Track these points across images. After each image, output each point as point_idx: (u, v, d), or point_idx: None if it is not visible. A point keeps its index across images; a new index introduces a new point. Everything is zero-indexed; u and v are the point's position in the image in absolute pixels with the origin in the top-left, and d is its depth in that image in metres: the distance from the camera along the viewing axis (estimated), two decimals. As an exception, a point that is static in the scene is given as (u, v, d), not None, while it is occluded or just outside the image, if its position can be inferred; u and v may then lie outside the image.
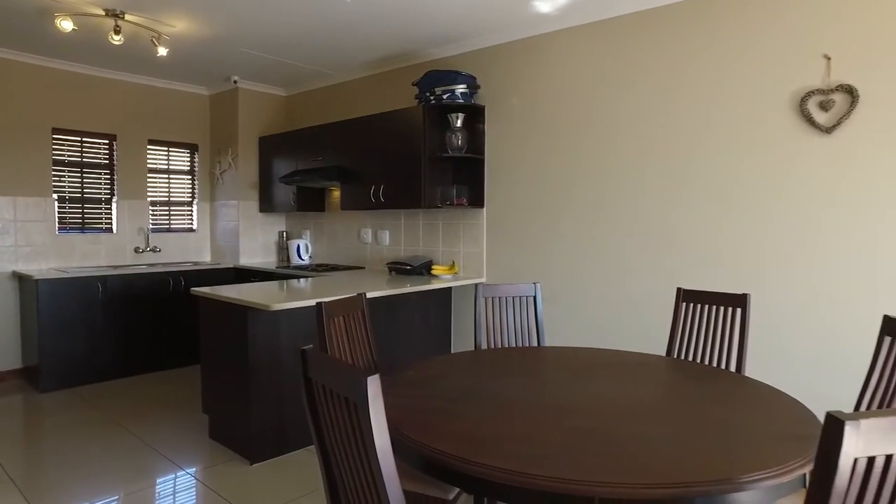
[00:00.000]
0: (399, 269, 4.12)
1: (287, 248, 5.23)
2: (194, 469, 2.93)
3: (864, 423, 0.83)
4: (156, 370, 4.77)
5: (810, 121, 2.77)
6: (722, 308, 2.39)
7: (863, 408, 1.83)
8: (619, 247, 3.40)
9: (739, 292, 2.40)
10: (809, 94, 2.76)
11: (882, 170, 2.60)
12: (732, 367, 2.32)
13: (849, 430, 0.82)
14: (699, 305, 2.47)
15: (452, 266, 4.03)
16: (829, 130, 2.72)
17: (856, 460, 0.84)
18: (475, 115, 3.96)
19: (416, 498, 1.80)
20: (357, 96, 4.86)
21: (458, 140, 3.84)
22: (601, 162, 3.46)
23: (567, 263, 3.61)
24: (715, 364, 2.38)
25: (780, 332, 2.87)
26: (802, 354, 2.81)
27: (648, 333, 3.29)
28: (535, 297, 2.65)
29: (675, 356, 2.50)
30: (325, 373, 1.19)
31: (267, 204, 5.25)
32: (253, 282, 4.25)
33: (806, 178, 2.79)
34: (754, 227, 2.95)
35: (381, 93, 4.65)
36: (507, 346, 2.60)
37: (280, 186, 5.06)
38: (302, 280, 3.87)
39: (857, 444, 0.83)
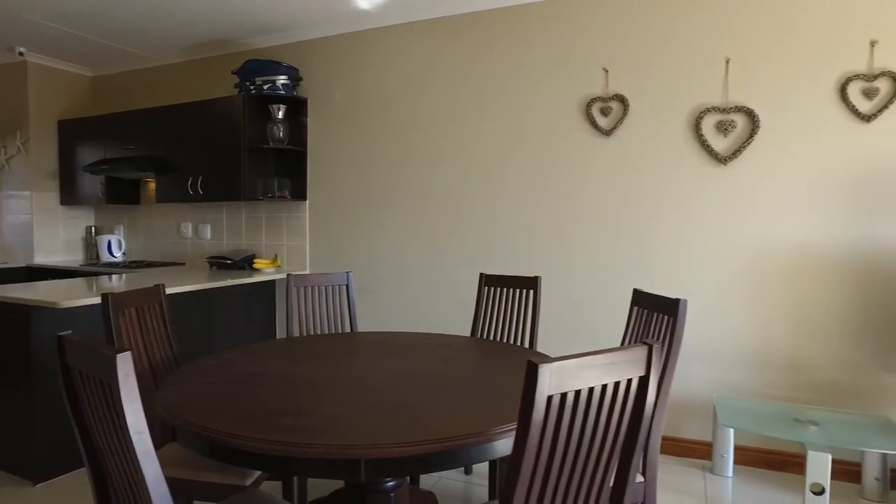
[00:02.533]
0: (220, 263, 3.96)
1: (96, 245, 4.75)
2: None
3: (555, 365, 1.01)
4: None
5: (594, 123, 3.16)
6: (517, 290, 2.66)
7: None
8: (433, 237, 3.59)
9: (534, 275, 2.68)
10: (593, 100, 3.16)
11: (647, 167, 3.06)
12: (527, 343, 2.59)
13: (542, 371, 0.99)
14: (499, 288, 2.71)
15: (275, 259, 3.96)
16: (608, 133, 3.14)
17: (550, 397, 1.02)
18: (297, 108, 3.93)
19: (214, 488, 1.77)
20: (174, 82, 4.56)
21: (280, 132, 3.79)
22: (417, 157, 3.63)
23: (387, 254, 3.73)
24: (512, 341, 2.63)
25: (567, 307, 3.25)
26: (587, 328, 3.21)
27: (461, 317, 3.53)
28: (347, 286, 2.72)
29: (479, 336, 2.72)
30: (80, 358, 1.14)
31: (70, 196, 4.71)
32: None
33: (592, 174, 3.19)
34: (549, 215, 3.29)
35: (201, 80, 4.42)
36: (320, 333, 2.63)
37: (86, 176, 4.58)
38: (113, 277, 3.55)
39: (551, 383, 1.01)
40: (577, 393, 1.06)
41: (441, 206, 3.57)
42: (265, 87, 3.76)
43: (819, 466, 2.21)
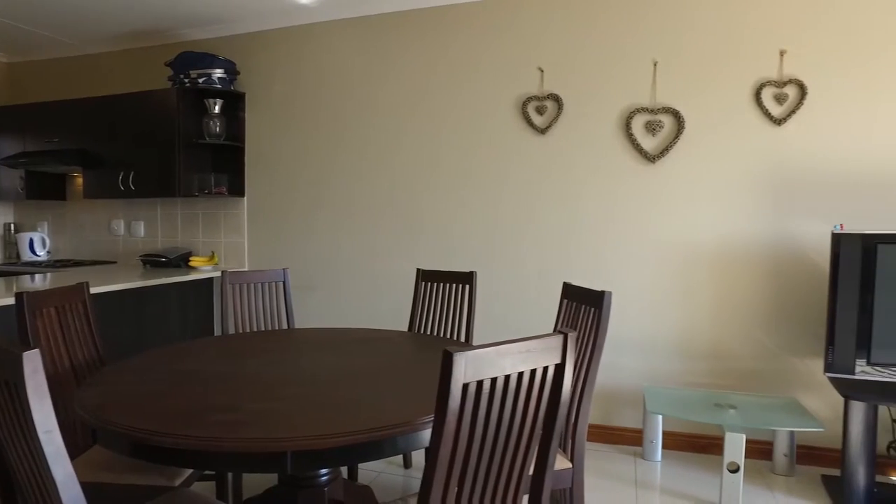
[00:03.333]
0: (154, 261, 3.83)
1: (16, 243, 4.50)
2: None
3: (470, 354, 1.04)
4: None
5: (529, 122, 3.24)
6: (454, 285, 2.70)
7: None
8: (374, 233, 3.60)
9: (468, 270, 2.73)
10: (528, 99, 3.24)
11: (580, 164, 3.16)
12: (463, 337, 2.63)
13: (457, 360, 1.02)
14: (435, 284, 2.75)
15: (212, 257, 3.87)
16: (543, 131, 3.22)
17: (466, 385, 1.05)
18: (235, 102, 3.85)
19: (140, 490, 1.73)
20: (103, 72, 4.37)
21: (217, 127, 3.70)
22: (357, 152, 3.63)
23: (327, 251, 3.71)
24: (448, 335, 2.67)
25: (505, 302, 3.32)
26: (523, 321, 3.29)
27: (401, 313, 3.55)
28: (283, 283, 2.70)
29: (416, 330, 2.75)
30: (-14, 359, 1.10)
31: (-15, 191, 4.45)
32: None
33: (528, 171, 3.27)
34: (485, 211, 3.36)
35: (132, 71, 4.25)
36: (257, 330, 2.60)
37: (2, 170, 4.33)
38: (36, 277, 3.38)
39: (467, 371, 1.04)
40: (494, 381, 1.10)
41: (381, 203, 3.58)
42: (200, 80, 3.66)
43: (735, 446, 2.35)
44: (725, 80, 2.90)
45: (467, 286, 2.65)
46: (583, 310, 2.15)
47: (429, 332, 2.72)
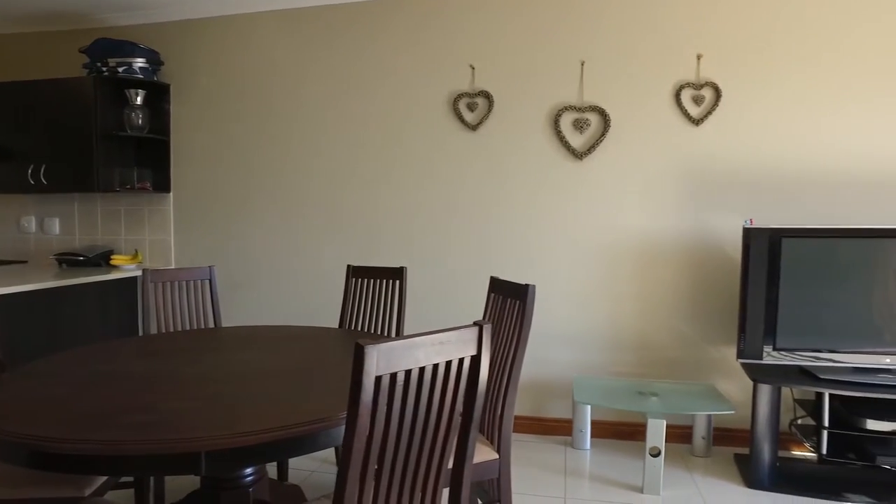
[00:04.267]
0: (70, 260, 3.63)
1: (-85, 242, 4.15)
2: None
3: (383, 346, 1.04)
4: None
5: (461, 119, 3.27)
6: (384, 280, 2.69)
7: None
8: (305, 229, 3.54)
9: (404, 265, 2.73)
10: (460, 95, 3.26)
11: (511, 161, 3.22)
12: (393, 332, 2.63)
13: (369, 353, 1.02)
14: (366, 280, 2.73)
15: (136, 255, 3.70)
16: (474, 128, 3.26)
17: (379, 377, 1.05)
18: (159, 94, 3.68)
19: None
20: (9, 56, 4.08)
21: (139, 119, 3.53)
22: (289, 148, 3.55)
23: (259, 248, 3.62)
24: (379, 331, 2.66)
25: (436, 296, 3.35)
26: (454, 315, 3.32)
27: (332, 309, 3.51)
28: (210, 280, 2.61)
29: (347, 327, 2.73)
30: None
31: None
32: None
33: (459, 167, 3.30)
34: (417, 207, 3.36)
35: (44, 56, 3.99)
36: (181, 330, 2.51)
37: None
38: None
39: (379, 364, 1.04)
40: (408, 373, 1.11)
41: (313, 199, 3.53)
42: (120, 69, 3.49)
43: (656, 432, 2.46)
44: (648, 82, 3.02)
45: (398, 282, 2.65)
46: (508, 303, 2.19)
47: (360, 329, 2.70)
